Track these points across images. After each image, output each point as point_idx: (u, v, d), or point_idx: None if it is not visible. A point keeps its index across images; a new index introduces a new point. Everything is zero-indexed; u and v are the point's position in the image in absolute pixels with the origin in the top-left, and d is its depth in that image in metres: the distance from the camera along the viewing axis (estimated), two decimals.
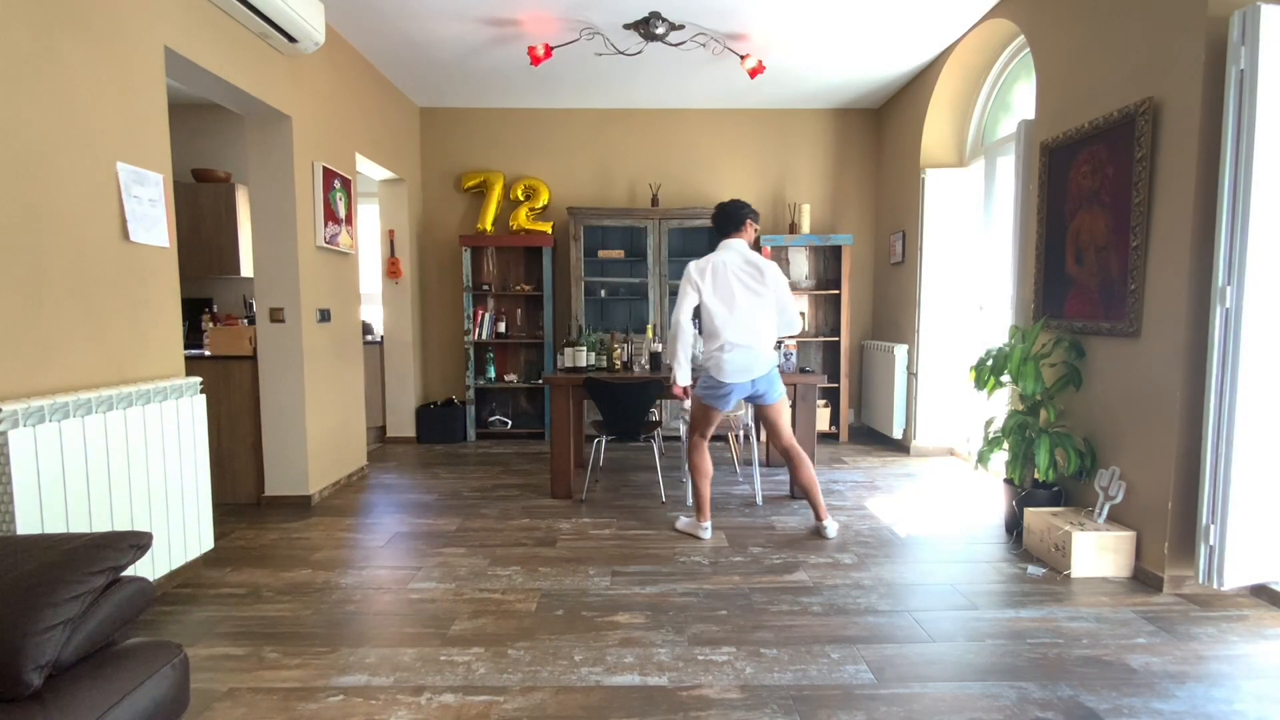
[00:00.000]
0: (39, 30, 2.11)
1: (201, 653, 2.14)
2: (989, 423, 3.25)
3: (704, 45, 4.17)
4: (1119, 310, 2.79)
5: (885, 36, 4.16)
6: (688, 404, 3.66)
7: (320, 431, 3.87)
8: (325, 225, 3.83)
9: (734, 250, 3.11)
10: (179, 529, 2.59)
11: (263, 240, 3.60)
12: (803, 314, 5.63)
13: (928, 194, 4.71)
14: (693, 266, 3.09)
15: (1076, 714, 1.82)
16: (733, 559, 2.93)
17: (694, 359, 3.49)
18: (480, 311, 5.56)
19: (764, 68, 4.19)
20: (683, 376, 3.16)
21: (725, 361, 3.04)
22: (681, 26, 3.92)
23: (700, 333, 3.21)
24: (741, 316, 3.05)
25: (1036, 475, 3.09)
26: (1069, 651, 2.14)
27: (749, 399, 3.18)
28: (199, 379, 2.76)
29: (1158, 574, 2.60)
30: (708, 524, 3.18)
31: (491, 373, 5.60)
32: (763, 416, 3.24)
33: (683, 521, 3.29)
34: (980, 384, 3.19)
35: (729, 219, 3.16)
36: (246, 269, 4.90)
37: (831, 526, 3.18)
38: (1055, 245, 3.19)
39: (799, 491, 3.25)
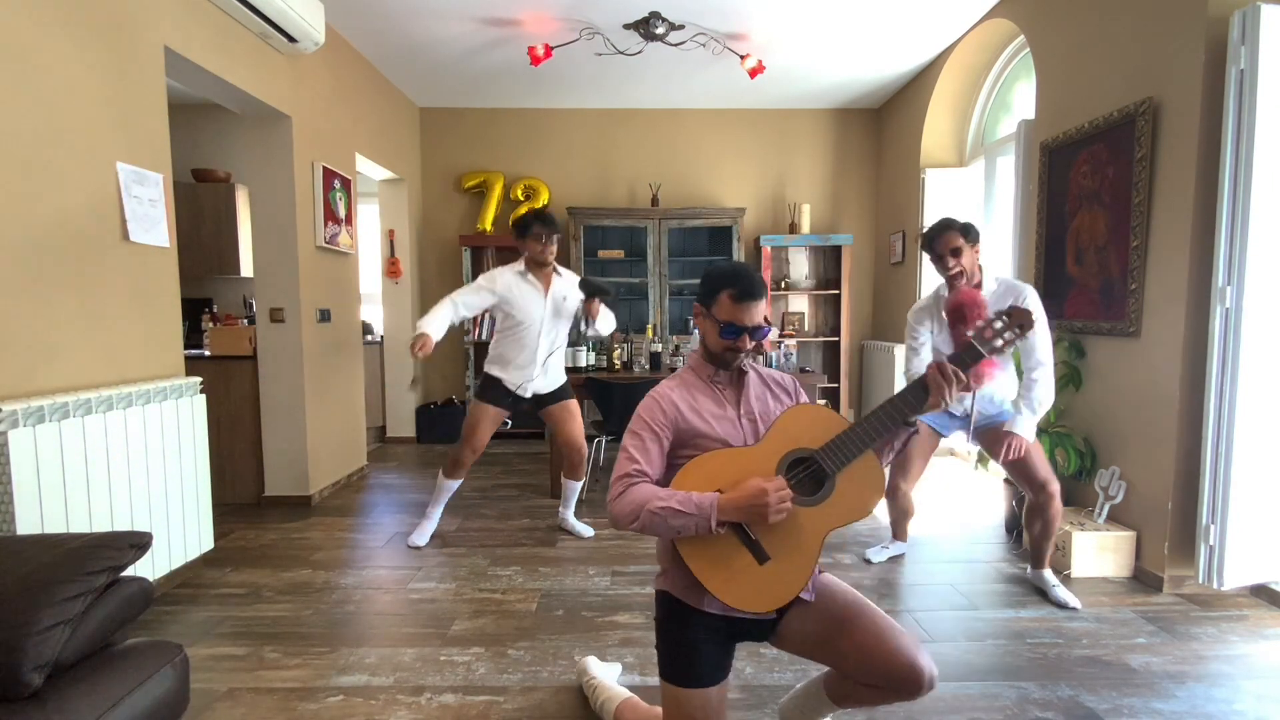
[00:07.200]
0: (39, 30, 2.11)
1: (201, 653, 2.14)
2: None
3: (704, 45, 4.16)
4: (1119, 310, 2.79)
5: (885, 36, 4.16)
6: None
7: (320, 431, 3.87)
8: (325, 225, 3.83)
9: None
10: (179, 529, 2.59)
11: (263, 240, 3.60)
12: (801, 314, 5.64)
13: (928, 194, 4.71)
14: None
15: (1076, 714, 1.82)
16: None
17: None
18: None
19: (764, 68, 4.18)
20: None
21: None
22: (681, 26, 3.92)
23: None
24: None
25: None
26: (1069, 651, 2.14)
27: None
28: (199, 379, 2.76)
29: (1158, 574, 2.59)
30: None
31: None
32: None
33: None
34: None
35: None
36: (246, 269, 4.90)
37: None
38: (1055, 245, 3.19)
39: None
